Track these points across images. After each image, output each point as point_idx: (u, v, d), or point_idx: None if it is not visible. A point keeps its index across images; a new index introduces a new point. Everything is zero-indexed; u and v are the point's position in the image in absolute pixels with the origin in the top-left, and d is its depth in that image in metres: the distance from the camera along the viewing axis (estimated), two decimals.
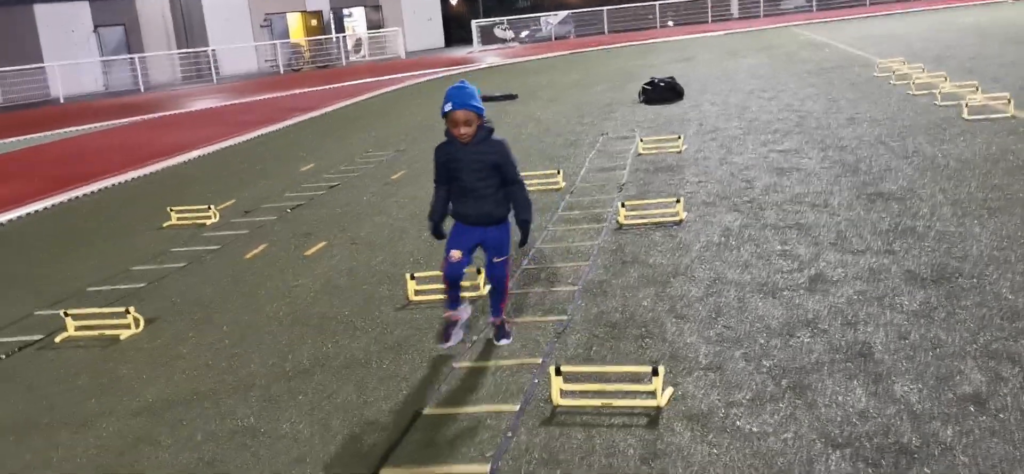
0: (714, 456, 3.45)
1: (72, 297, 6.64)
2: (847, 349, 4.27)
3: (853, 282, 5.18)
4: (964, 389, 3.76)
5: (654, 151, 10.06)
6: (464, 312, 4.75)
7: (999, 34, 20.32)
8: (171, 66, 35.90)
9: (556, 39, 44.58)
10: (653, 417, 3.80)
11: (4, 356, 5.50)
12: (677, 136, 10.49)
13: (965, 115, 10.09)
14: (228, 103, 24.25)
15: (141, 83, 32.13)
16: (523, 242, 4.58)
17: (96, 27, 33.98)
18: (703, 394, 3.97)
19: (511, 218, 4.57)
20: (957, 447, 3.32)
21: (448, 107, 4.33)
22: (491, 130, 4.45)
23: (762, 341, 4.48)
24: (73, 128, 20.55)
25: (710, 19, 43.11)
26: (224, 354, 5.16)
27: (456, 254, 4.50)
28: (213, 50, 35.39)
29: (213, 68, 34.83)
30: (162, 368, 5.04)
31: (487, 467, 3.54)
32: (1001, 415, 3.52)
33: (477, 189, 4.43)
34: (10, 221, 10.05)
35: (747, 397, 3.90)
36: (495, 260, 4.58)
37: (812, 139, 9.82)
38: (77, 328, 5.75)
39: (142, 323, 5.75)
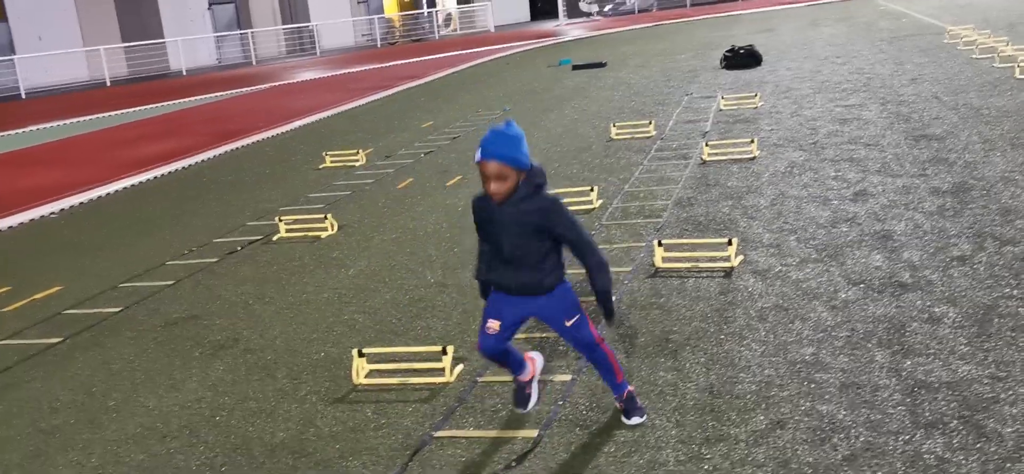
0: (769, 290, 5.05)
1: (270, 214, 8.52)
2: (874, 234, 5.79)
3: (888, 195, 6.66)
4: (953, 254, 5.27)
5: (734, 107, 11.53)
6: (535, 363, 3.82)
7: None
8: (276, 41, 38.47)
9: (639, 12, 45.70)
10: (728, 272, 5.40)
11: (239, 247, 7.41)
12: (754, 94, 11.92)
13: (1017, 74, 11.26)
14: (336, 73, 26.37)
15: (253, 57, 34.73)
16: (608, 316, 3.53)
17: (210, 5, 36.72)
18: (764, 260, 5.56)
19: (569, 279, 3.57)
20: (938, 283, 4.85)
21: (478, 156, 3.32)
22: (540, 185, 3.36)
23: (811, 231, 6.03)
24: (205, 96, 22.89)
25: None
26: (404, 245, 6.94)
27: (493, 325, 3.55)
28: (315, 26, 37.78)
29: (316, 42, 37.26)
30: (362, 253, 6.86)
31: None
32: (975, 267, 5.02)
33: (517, 258, 3.41)
34: (189, 166, 12.11)
35: (796, 261, 5.47)
36: (566, 324, 3.52)
37: (875, 96, 11.15)
38: (287, 230, 7.62)
39: (336, 226, 7.59)
